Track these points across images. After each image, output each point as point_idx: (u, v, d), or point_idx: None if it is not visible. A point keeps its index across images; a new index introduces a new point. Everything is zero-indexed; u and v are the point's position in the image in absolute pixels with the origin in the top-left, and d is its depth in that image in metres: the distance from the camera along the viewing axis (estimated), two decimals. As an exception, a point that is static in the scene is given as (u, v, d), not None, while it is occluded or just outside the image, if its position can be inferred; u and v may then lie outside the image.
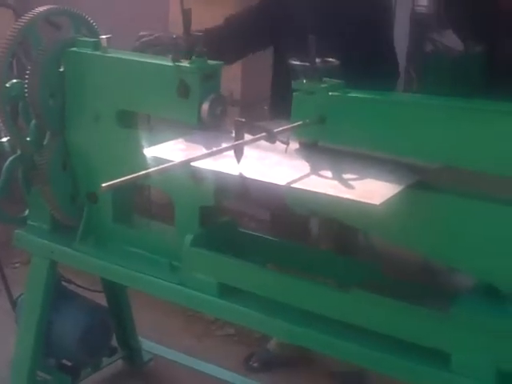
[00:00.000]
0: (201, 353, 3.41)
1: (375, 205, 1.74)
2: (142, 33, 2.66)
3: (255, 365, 3.49)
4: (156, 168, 1.78)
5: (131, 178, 1.73)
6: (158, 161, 1.98)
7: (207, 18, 2.99)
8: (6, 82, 2.55)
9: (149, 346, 3.46)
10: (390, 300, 2.04)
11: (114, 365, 3.34)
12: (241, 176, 1.92)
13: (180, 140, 2.20)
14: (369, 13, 2.93)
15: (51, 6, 2.60)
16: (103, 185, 1.68)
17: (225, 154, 1.91)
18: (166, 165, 1.81)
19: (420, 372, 2.00)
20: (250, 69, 4.34)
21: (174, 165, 1.84)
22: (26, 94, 2.53)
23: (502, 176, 1.85)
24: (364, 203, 1.75)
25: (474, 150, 1.86)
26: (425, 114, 1.95)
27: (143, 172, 1.75)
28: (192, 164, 1.89)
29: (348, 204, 1.79)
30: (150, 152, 2.12)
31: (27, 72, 2.51)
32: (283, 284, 2.21)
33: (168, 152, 2.09)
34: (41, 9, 2.57)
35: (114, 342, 3.30)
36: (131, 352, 3.40)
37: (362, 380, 3.36)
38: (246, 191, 2.10)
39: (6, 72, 2.54)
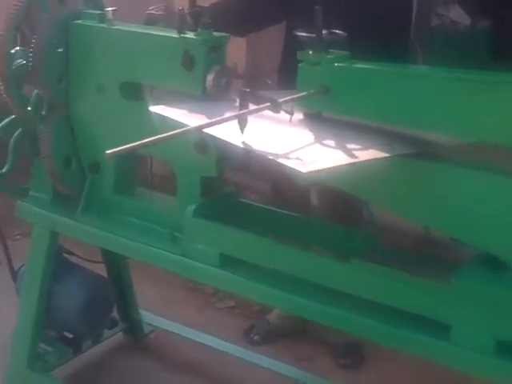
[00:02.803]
0: (201, 325, 3.42)
1: (301, 172, 1.74)
2: (150, 8, 2.65)
3: (256, 337, 3.51)
4: (159, 136, 1.78)
5: (135, 146, 1.73)
6: (163, 126, 1.97)
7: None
8: (12, 53, 2.53)
9: (149, 318, 3.47)
10: (389, 270, 2.04)
11: (114, 337, 3.36)
12: (244, 146, 1.92)
13: (183, 109, 2.19)
14: None
15: None
16: (107, 151, 1.69)
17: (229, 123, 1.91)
18: (169, 133, 1.81)
19: (420, 342, 2.01)
20: (255, 41, 4.32)
21: (177, 133, 1.84)
22: (30, 65, 2.51)
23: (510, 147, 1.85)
24: (292, 168, 1.75)
25: (480, 121, 1.85)
26: (431, 86, 1.94)
27: (147, 140, 1.76)
28: (195, 130, 1.89)
29: (348, 172, 1.79)
30: (156, 109, 2.10)
31: (31, 44, 2.49)
32: (284, 254, 2.22)
33: (173, 112, 2.08)
34: None
35: (115, 315, 3.32)
36: (132, 324, 3.41)
37: (361, 350, 3.39)
38: (248, 161, 2.10)
39: (11, 43, 2.53)
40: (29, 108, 2.61)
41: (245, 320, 3.61)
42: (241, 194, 2.64)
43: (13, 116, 2.69)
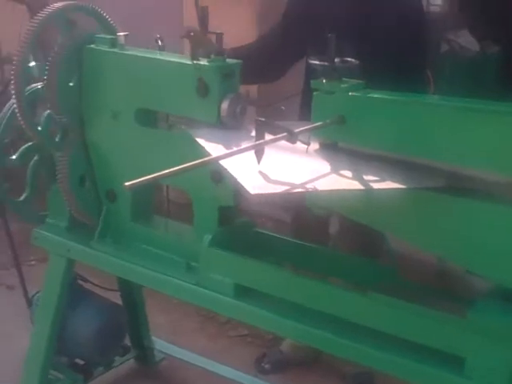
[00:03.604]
0: (214, 353, 3.42)
1: (249, 192, 1.76)
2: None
3: (267, 366, 3.50)
4: (178, 167, 1.78)
5: (153, 178, 1.73)
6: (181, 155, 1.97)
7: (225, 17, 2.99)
8: (26, 81, 2.54)
9: (161, 345, 3.46)
10: (405, 303, 2.04)
11: (126, 364, 3.35)
12: (262, 176, 1.92)
13: (200, 137, 2.20)
14: (397, 17, 2.93)
15: (69, 2, 2.59)
16: (126, 184, 1.68)
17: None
18: (187, 164, 1.81)
19: (433, 375, 1.99)
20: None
21: (195, 164, 1.83)
22: (45, 91, 2.53)
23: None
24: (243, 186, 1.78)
25: (496, 153, 1.85)
26: (446, 116, 1.94)
27: (165, 172, 1.76)
28: (214, 161, 1.90)
29: (363, 203, 1.79)
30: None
31: (46, 69, 2.51)
32: (299, 285, 2.21)
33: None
34: (58, 5, 2.56)
35: (127, 341, 3.31)
36: (144, 352, 3.41)
37: (372, 381, 3.37)
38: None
39: (26, 65, 2.54)
40: (39, 128, 2.59)
41: (257, 348, 3.60)
42: (257, 223, 2.65)
43: (28, 143, 2.70)
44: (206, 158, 1.88)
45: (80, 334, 2.97)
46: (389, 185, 1.89)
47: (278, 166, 1.98)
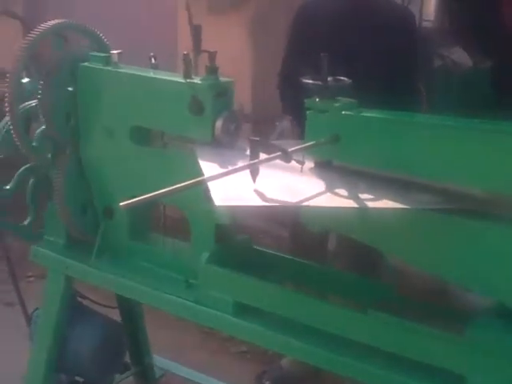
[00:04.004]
0: (214, 370, 3.41)
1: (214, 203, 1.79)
2: None
3: (267, 383, 3.49)
4: (173, 187, 1.78)
5: (149, 198, 1.73)
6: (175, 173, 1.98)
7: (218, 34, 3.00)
8: (20, 98, 2.55)
9: (161, 362, 3.45)
10: (405, 321, 2.02)
11: (125, 381, 3.32)
12: (257, 194, 1.92)
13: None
14: (393, 44, 2.95)
15: (63, 20, 2.60)
16: (121, 204, 1.68)
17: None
18: (182, 184, 1.81)
19: (433, 394, 1.97)
20: (261, 82, 4.35)
21: (189, 184, 1.83)
22: (39, 108, 2.54)
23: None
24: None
25: (487, 171, 1.85)
26: (439, 135, 1.94)
27: (160, 191, 1.75)
28: (209, 181, 1.90)
29: (360, 221, 1.78)
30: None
31: (39, 87, 2.51)
32: (298, 303, 2.20)
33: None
34: (53, 22, 2.57)
35: (127, 358, 3.29)
36: (144, 368, 3.38)
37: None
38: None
39: (20, 81, 2.54)
40: (33, 144, 2.59)
41: (257, 365, 3.59)
42: (255, 238, 2.64)
43: (22, 168, 2.70)
44: (200, 178, 1.88)
45: (79, 352, 2.95)
46: (384, 203, 1.88)
47: (272, 185, 1.97)
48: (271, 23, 4.41)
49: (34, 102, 2.58)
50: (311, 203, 1.87)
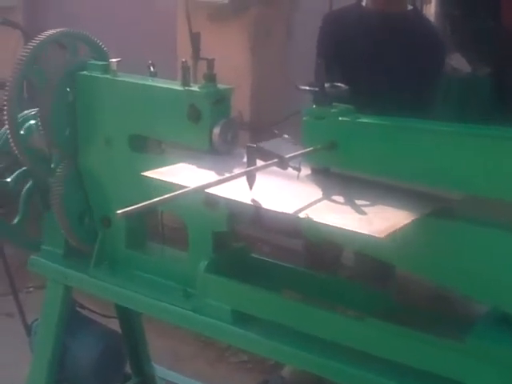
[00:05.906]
0: (214, 379, 3.39)
1: (380, 238, 1.72)
2: None
3: (268, 392, 3.47)
4: (169, 195, 1.78)
5: (146, 205, 1.72)
6: (173, 185, 1.97)
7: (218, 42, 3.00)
8: (18, 109, 2.56)
9: (161, 372, 3.43)
10: (404, 329, 2.01)
11: (126, 391, 3.33)
12: (254, 203, 1.91)
13: (192, 164, 2.20)
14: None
15: (62, 29, 2.61)
16: (118, 212, 1.68)
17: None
18: (179, 192, 1.81)
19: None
20: (259, 89, 4.34)
21: (187, 191, 1.84)
22: (38, 118, 2.54)
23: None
24: (369, 236, 1.72)
25: (485, 176, 1.84)
26: (436, 141, 1.93)
27: (157, 199, 1.75)
28: (205, 189, 1.89)
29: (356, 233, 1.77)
30: (152, 174, 2.11)
31: (39, 95, 2.52)
32: (297, 311, 2.19)
33: (172, 176, 2.09)
34: (52, 31, 2.58)
35: (128, 368, 3.28)
36: (144, 378, 3.37)
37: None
38: (259, 217, 2.09)
39: (18, 91, 2.55)
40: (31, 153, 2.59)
41: (258, 374, 3.58)
42: (253, 247, 2.63)
43: (23, 168, 2.70)
44: (197, 186, 1.87)
45: (80, 362, 2.94)
46: (381, 209, 1.87)
47: (269, 192, 1.97)
48: (271, 31, 4.41)
49: (33, 111, 2.58)
50: (309, 213, 1.85)
